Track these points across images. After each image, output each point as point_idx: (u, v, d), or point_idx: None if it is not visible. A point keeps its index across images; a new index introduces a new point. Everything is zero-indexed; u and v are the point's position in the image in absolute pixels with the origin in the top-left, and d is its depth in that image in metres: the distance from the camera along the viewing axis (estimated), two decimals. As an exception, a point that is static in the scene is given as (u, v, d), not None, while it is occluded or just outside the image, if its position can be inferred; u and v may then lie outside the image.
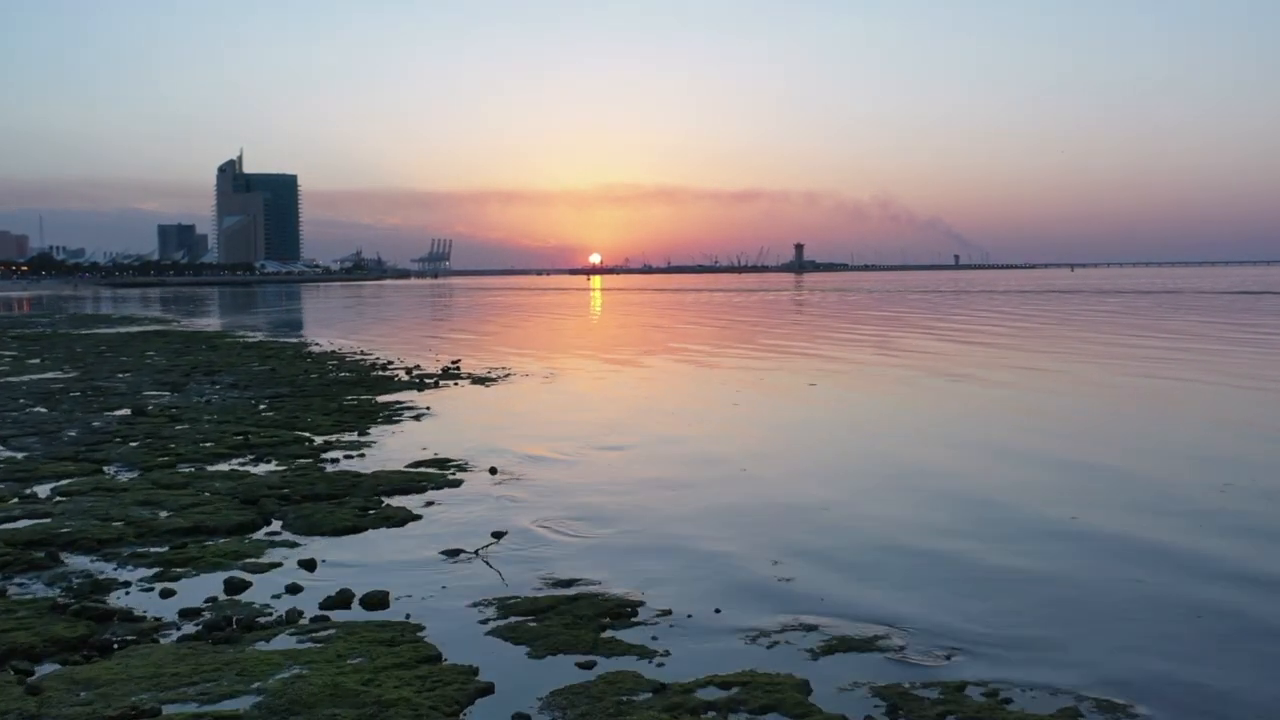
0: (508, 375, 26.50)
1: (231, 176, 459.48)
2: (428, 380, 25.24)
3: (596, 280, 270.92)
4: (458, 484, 13.05)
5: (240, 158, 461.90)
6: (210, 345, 38.08)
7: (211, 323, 61.22)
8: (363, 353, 34.61)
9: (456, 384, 24.71)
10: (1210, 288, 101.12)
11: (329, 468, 14.11)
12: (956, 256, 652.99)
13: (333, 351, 35.18)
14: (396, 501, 12.06)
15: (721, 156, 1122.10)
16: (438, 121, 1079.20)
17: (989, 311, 60.79)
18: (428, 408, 20.30)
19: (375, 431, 17.35)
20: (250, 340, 41.55)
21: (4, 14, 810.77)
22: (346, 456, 14.98)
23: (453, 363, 29.64)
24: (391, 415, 19.20)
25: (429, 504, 12.00)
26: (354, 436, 16.84)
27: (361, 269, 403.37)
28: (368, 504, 11.78)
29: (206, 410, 19.86)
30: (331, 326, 57.09)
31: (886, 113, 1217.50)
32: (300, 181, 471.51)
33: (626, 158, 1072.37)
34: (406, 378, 25.90)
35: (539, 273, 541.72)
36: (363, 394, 22.59)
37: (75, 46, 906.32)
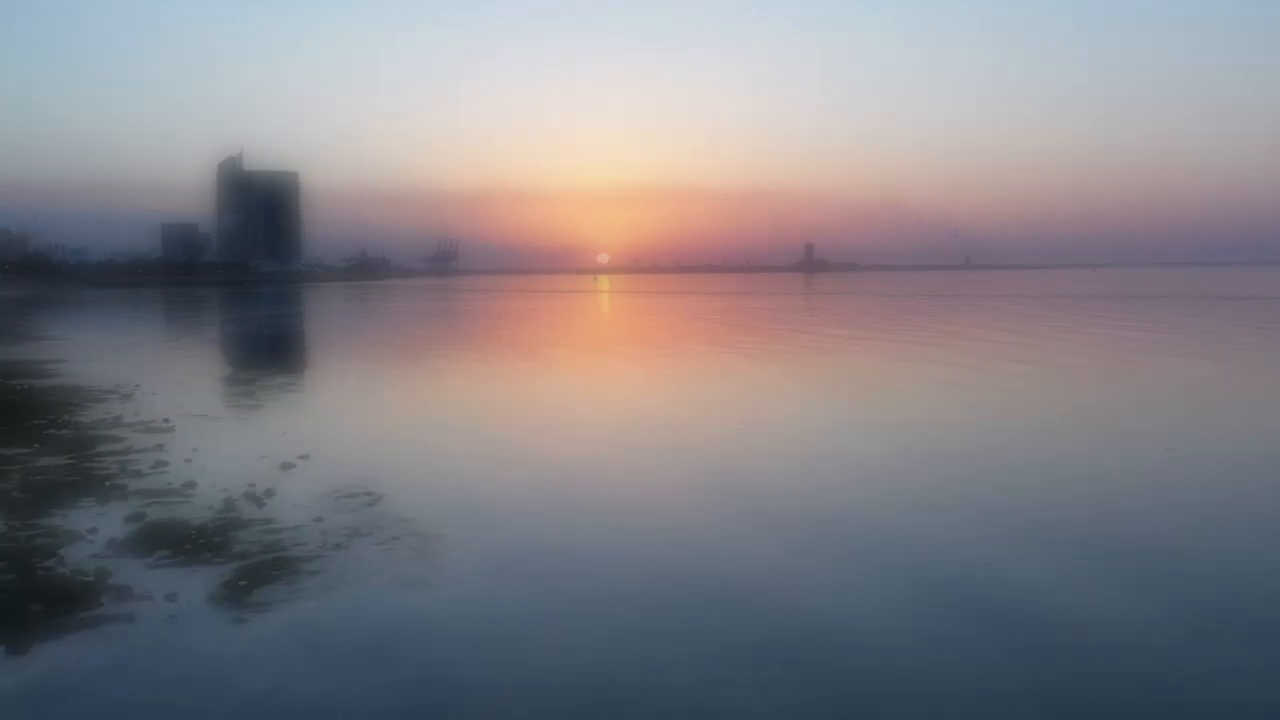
0: (353, 537, 11.74)
1: (232, 174, 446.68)
2: (105, 598, 10.58)
3: (604, 281, 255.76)
4: None
5: (240, 155, 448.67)
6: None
7: (113, 340, 46.62)
8: (164, 422, 19.84)
9: (172, 603, 9.98)
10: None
11: None
12: (967, 257, 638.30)
13: (122, 419, 20.27)
14: None
15: (728, 157, 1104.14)
16: (446, 121, 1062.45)
17: (1154, 319, 45.73)
18: None
19: None
20: (47, 392, 26.75)
21: (10, 16, 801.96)
22: None
23: (280, 471, 14.95)
24: None
25: None
26: None
27: (364, 268, 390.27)
28: None
29: None
30: (238, 350, 42.59)
31: (892, 114, 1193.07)
32: (308, 180, 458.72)
33: (634, 158, 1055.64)
34: (88, 568, 11.27)
35: (546, 273, 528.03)
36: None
37: (77, 46, 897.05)
